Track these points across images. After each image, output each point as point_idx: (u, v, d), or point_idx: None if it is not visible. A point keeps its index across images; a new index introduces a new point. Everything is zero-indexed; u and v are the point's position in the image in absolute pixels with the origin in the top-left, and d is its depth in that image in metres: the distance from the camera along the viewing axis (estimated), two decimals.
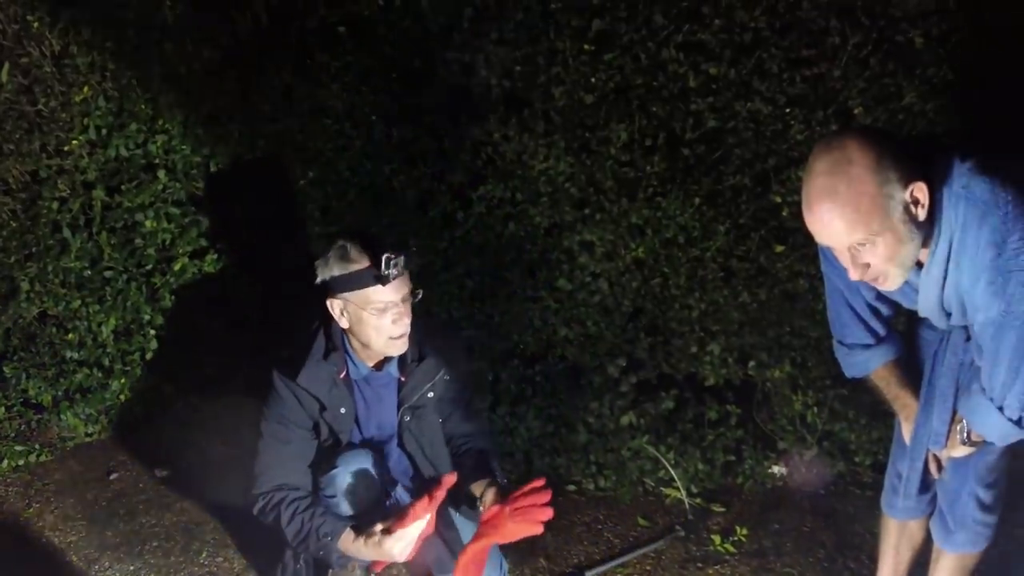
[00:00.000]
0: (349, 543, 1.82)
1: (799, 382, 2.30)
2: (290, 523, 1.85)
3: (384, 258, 1.72)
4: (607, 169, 2.29)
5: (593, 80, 2.32)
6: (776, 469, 2.42)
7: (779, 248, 2.24)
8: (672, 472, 2.32)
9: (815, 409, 2.28)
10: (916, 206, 1.44)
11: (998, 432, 1.58)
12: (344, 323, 1.82)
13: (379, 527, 1.80)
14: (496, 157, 2.42)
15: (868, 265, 1.45)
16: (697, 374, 2.36)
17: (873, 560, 1.97)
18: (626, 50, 2.30)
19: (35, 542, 2.34)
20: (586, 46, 2.35)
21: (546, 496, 1.71)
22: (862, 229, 1.40)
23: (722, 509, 2.39)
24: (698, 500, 2.42)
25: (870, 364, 1.76)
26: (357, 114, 2.57)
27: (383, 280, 1.74)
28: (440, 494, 1.78)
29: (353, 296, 1.77)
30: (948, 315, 1.60)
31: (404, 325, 1.80)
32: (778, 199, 2.20)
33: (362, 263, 1.76)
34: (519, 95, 2.42)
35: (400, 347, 1.83)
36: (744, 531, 2.29)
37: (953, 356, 1.70)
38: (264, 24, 2.78)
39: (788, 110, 2.23)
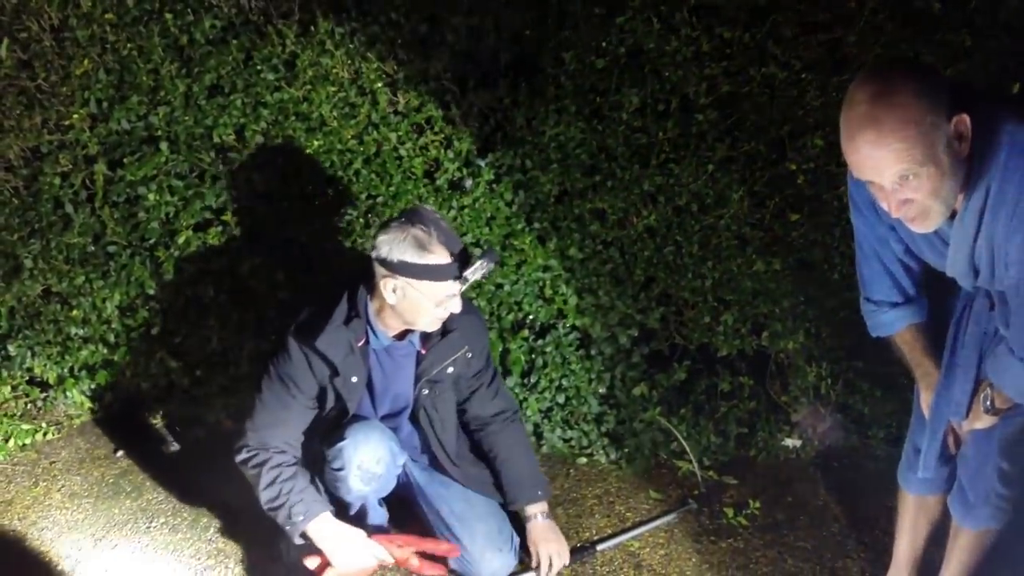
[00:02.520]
0: (319, 529, 1.83)
1: (813, 353, 2.25)
2: (268, 487, 1.86)
3: (478, 264, 1.75)
4: (618, 135, 2.24)
5: (604, 44, 2.26)
6: (790, 441, 2.39)
7: (794, 216, 2.19)
8: (684, 444, 2.29)
9: (829, 381, 2.24)
10: (960, 140, 1.39)
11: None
12: (393, 299, 1.81)
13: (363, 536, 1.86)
14: (505, 123, 2.37)
15: (909, 201, 1.40)
16: (710, 345, 2.32)
17: (889, 535, 1.94)
18: (638, 13, 2.24)
19: (42, 521, 2.33)
20: (597, 9, 2.30)
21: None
22: (907, 159, 1.36)
23: (735, 482, 2.36)
24: (711, 473, 2.38)
25: (896, 324, 1.71)
26: (362, 81, 2.51)
27: (462, 280, 1.76)
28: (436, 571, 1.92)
29: (420, 284, 1.76)
30: (976, 274, 1.56)
31: (454, 309, 1.83)
32: (793, 166, 2.14)
33: (442, 258, 1.75)
34: (528, 60, 2.36)
35: (438, 325, 1.87)
36: (757, 504, 2.26)
37: (976, 325, 1.65)
38: None
39: (803, 75, 2.17)
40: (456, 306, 1.82)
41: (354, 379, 1.87)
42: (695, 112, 2.24)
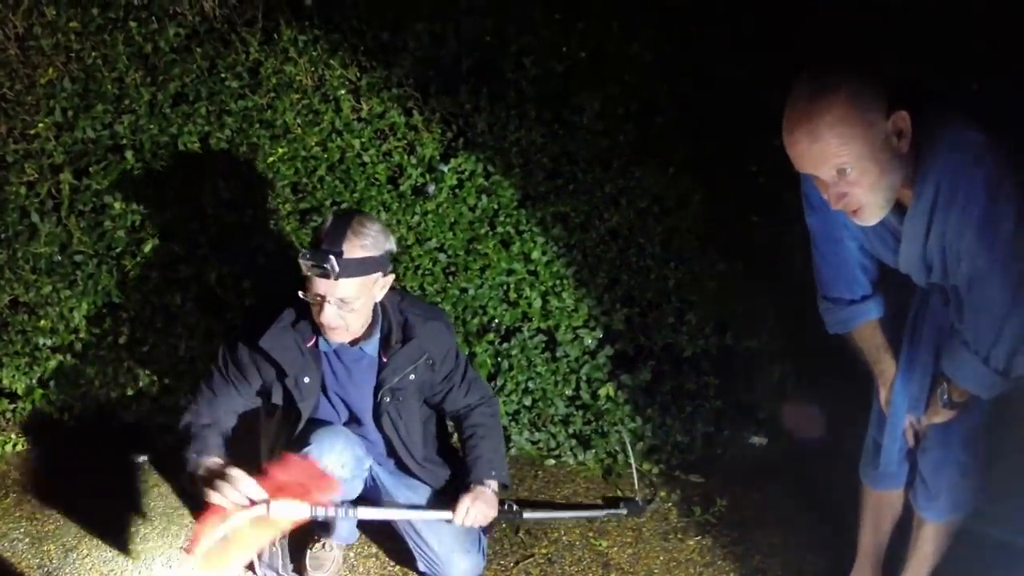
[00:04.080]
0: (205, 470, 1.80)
1: (777, 351, 2.27)
2: (182, 430, 1.91)
3: (322, 252, 1.72)
4: (579, 139, 2.26)
5: (564, 49, 2.28)
6: (755, 439, 2.41)
7: (755, 217, 2.21)
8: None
9: (793, 378, 2.26)
10: (899, 137, 1.43)
11: (986, 384, 1.58)
12: (377, 297, 1.82)
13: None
14: (467, 129, 2.38)
15: (847, 194, 1.45)
16: (675, 345, 2.34)
17: (854, 529, 1.96)
18: (598, 17, 2.26)
19: (13, 532, 2.32)
20: (557, 15, 2.31)
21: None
22: (843, 153, 1.40)
23: (702, 480, 2.39)
24: (678, 471, 2.41)
25: (853, 321, 1.74)
26: (326, 88, 2.52)
27: (314, 270, 1.73)
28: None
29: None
30: (929, 270, 1.59)
31: (327, 317, 1.78)
32: (754, 167, 2.16)
33: (315, 250, 1.75)
34: (490, 65, 2.37)
35: (334, 336, 1.83)
36: (724, 501, 2.29)
37: (932, 321, 1.69)
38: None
39: (762, 76, 2.19)
40: (324, 312, 1.77)
41: (306, 380, 1.88)
42: (656, 115, 2.26)
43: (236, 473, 1.72)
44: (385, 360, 1.90)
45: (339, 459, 1.90)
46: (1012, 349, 1.52)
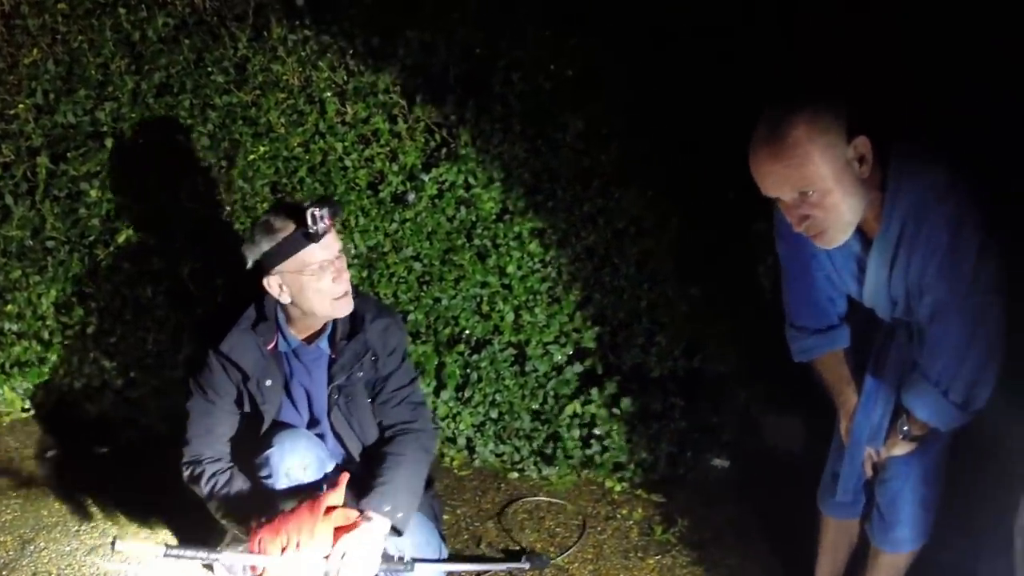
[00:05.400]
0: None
1: (744, 376, 2.31)
2: (210, 501, 1.86)
3: (309, 213, 1.70)
4: (562, 156, 2.28)
5: (553, 66, 2.30)
6: (718, 461, 2.44)
7: (729, 243, 2.24)
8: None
9: (760, 403, 2.29)
10: (860, 162, 1.48)
11: (944, 417, 1.62)
12: (286, 298, 1.79)
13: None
14: (450, 140, 2.39)
15: (809, 217, 1.48)
16: (643, 365, 2.36)
17: (812, 555, 1.98)
18: (590, 34, 2.28)
19: None
20: (548, 31, 2.33)
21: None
22: (804, 176, 1.44)
23: (664, 500, 2.40)
24: (640, 490, 2.42)
25: (818, 350, 1.77)
26: (312, 90, 2.51)
27: (314, 238, 1.72)
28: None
29: (288, 265, 1.75)
30: (893, 304, 1.64)
31: (345, 281, 1.79)
32: (731, 194, 2.20)
33: (288, 228, 1.74)
34: (478, 77, 2.38)
35: (346, 306, 1.81)
36: (686, 522, 2.30)
37: (896, 354, 1.73)
38: None
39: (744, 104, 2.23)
40: (343, 271, 1.77)
41: (268, 383, 1.86)
42: (638, 137, 2.28)
43: None
44: (334, 357, 1.88)
45: (301, 461, 1.88)
46: (971, 383, 1.57)
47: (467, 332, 2.37)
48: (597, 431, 2.37)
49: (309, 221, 1.70)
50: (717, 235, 2.27)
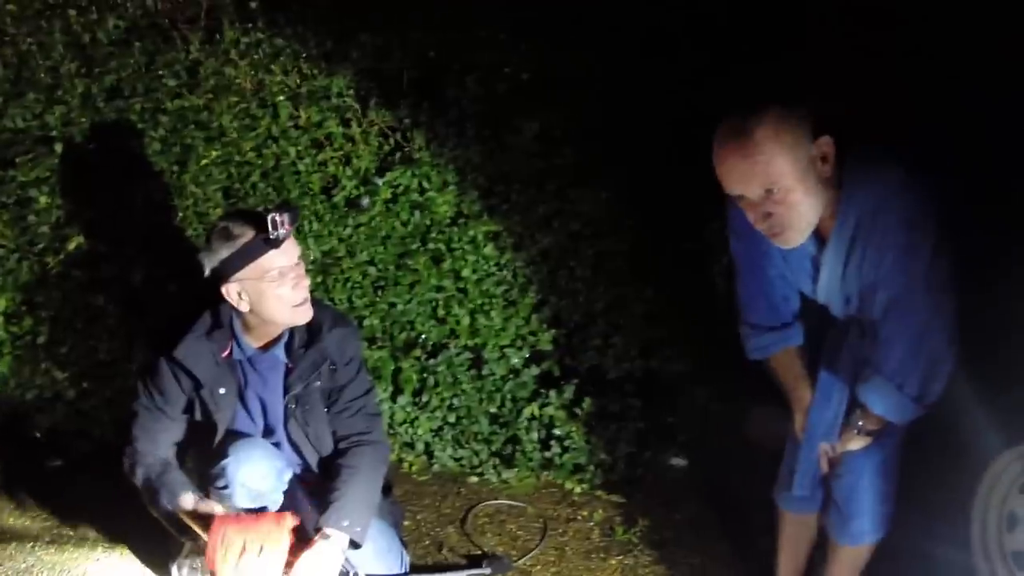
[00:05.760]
0: (187, 509, 1.78)
1: (701, 375, 2.33)
2: (144, 487, 1.85)
3: (269, 219, 1.68)
4: (516, 159, 2.29)
5: (507, 69, 2.31)
6: (676, 461, 2.45)
7: (685, 244, 2.26)
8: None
9: (717, 401, 2.32)
10: (823, 161, 1.51)
11: (900, 411, 1.65)
12: (245, 305, 1.77)
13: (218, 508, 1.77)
14: (404, 143, 2.38)
15: (772, 215, 1.51)
16: (600, 366, 2.37)
17: (772, 552, 2.00)
18: (543, 38, 2.29)
19: None
20: (502, 35, 2.34)
21: None
22: (770, 173, 1.47)
23: (625, 500, 2.41)
24: (600, 491, 2.43)
25: (772, 347, 1.79)
26: (265, 94, 2.48)
27: (274, 244, 1.71)
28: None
29: (248, 271, 1.73)
30: (847, 301, 1.67)
31: (304, 288, 1.77)
32: (687, 195, 2.21)
33: (248, 234, 1.72)
34: (432, 81, 2.38)
35: (305, 313, 1.79)
36: (646, 522, 2.31)
37: (849, 350, 1.75)
38: None
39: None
40: (303, 278, 1.76)
41: (222, 391, 1.84)
42: (592, 139, 2.30)
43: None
44: (291, 365, 1.86)
45: (257, 471, 1.86)
46: (925, 377, 1.60)
47: (423, 337, 2.36)
48: (556, 433, 2.37)
49: (270, 227, 1.68)
50: (672, 236, 2.29)
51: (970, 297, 1.66)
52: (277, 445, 1.96)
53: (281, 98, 2.45)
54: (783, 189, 1.47)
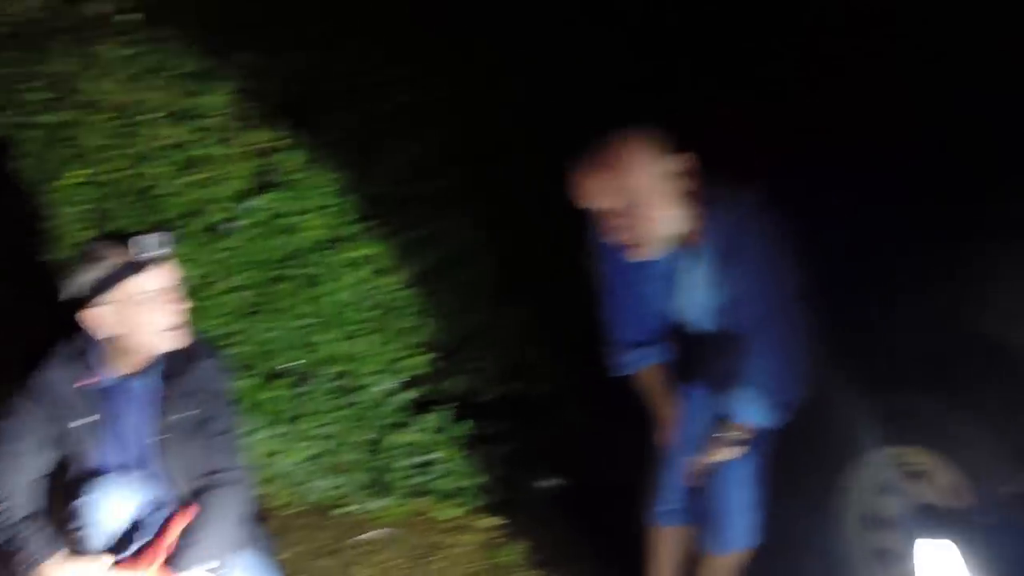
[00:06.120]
0: (54, 572, 1.68)
1: (572, 396, 2.37)
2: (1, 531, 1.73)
3: (139, 242, 1.65)
4: (388, 185, 2.29)
5: (385, 93, 2.31)
6: (550, 482, 2.48)
7: (554, 265, 2.29)
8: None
9: (587, 420, 2.35)
10: (683, 178, 1.59)
11: (762, 417, 1.72)
12: (113, 330, 1.71)
13: (107, 560, 1.70)
14: (276, 166, 2.35)
15: (626, 228, 1.58)
16: (470, 391, 2.39)
17: (647, 566, 2.03)
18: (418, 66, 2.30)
19: None
20: (382, 58, 2.33)
21: None
22: (628, 186, 1.54)
23: (501, 522, 2.42)
24: (474, 516, 2.43)
25: (636, 364, 1.86)
26: (138, 110, 2.42)
27: (143, 267, 1.66)
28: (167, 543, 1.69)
29: (116, 295, 1.67)
30: (708, 317, 1.74)
31: (177, 313, 1.72)
32: (553, 218, 2.24)
33: (117, 257, 1.67)
34: (308, 103, 2.36)
35: (178, 339, 1.74)
36: (522, 544, 2.33)
37: (712, 367, 1.81)
38: (49, 4, 2.59)
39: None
40: (173, 305, 1.72)
41: (87, 422, 1.76)
42: (464, 164, 2.31)
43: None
44: (164, 394, 1.80)
45: (117, 509, 1.79)
46: (787, 383, 1.69)
47: (291, 365, 2.34)
48: (428, 459, 2.37)
49: (139, 250, 1.65)
50: (541, 258, 2.32)
51: (836, 307, 1.76)
52: (149, 478, 1.89)
53: (155, 115, 2.39)
54: (637, 204, 1.55)
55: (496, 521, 2.42)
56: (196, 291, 2.37)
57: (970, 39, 1.97)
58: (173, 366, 1.80)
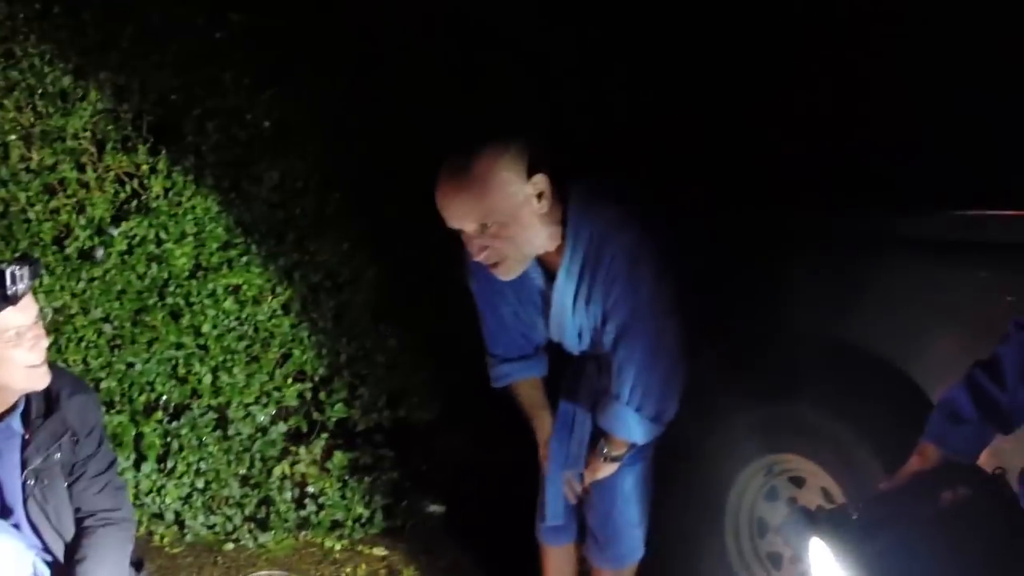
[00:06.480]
0: None
1: (452, 421, 2.35)
2: None
3: (8, 273, 1.52)
4: (256, 210, 2.24)
5: (249, 116, 2.26)
6: (434, 508, 2.46)
7: (428, 289, 2.27)
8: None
9: (469, 445, 2.34)
10: (539, 198, 1.58)
11: (640, 432, 1.72)
12: None
13: None
14: (141, 191, 2.28)
15: (488, 248, 1.57)
16: (348, 419, 2.35)
17: None
18: (286, 87, 2.25)
19: None
20: (246, 80, 2.27)
21: None
22: (483, 209, 1.54)
23: (387, 552, 2.38)
24: (361, 546, 2.38)
25: (512, 376, 1.86)
26: None
27: (12, 300, 1.54)
28: None
29: None
30: (579, 337, 1.74)
31: (42, 350, 1.61)
32: (426, 241, 2.21)
33: None
34: (172, 126, 2.28)
35: (44, 377, 1.63)
36: (410, 571, 2.29)
37: (587, 384, 1.82)
38: None
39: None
40: (42, 338, 1.62)
41: None
42: (334, 189, 2.28)
43: None
44: (28, 437, 1.69)
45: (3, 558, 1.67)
46: (660, 397, 1.69)
47: (164, 398, 2.26)
48: (310, 490, 2.32)
49: (8, 281, 1.52)
50: (414, 283, 2.30)
51: (718, 316, 1.80)
52: (16, 527, 1.78)
53: (12, 137, 2.27)
54: (497, 224, 1.55)
55: (382, 551, 2.37)
56: (58, 324, 2.27)
57: None
58: (38, 406, 1.69)
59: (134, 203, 2.26)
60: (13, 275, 1.54)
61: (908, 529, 1.16)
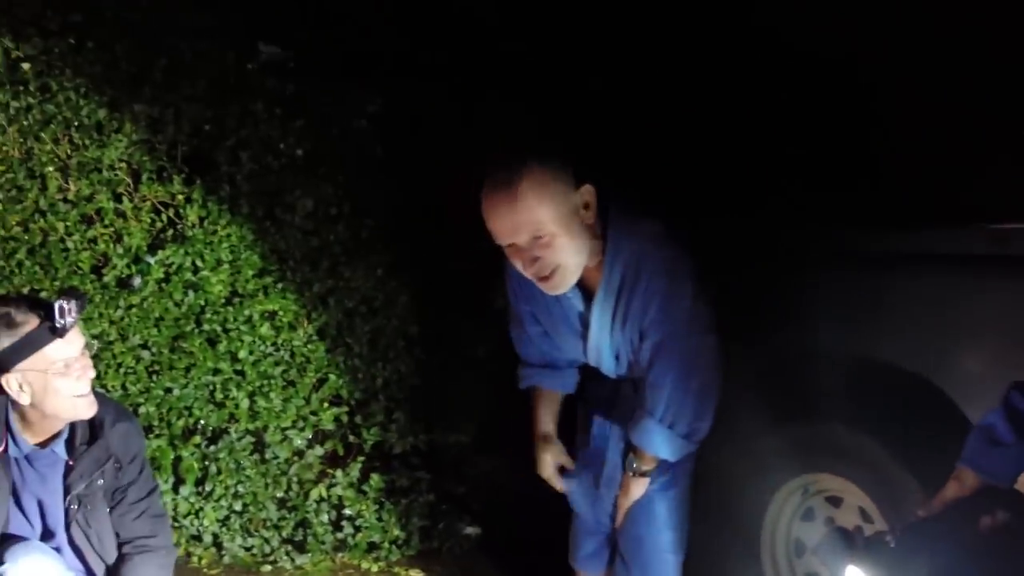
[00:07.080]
0: None
1: (486, 442, 2.37)
2: None
3: (57, 307, 1.57)
4: (290, 237, 2.27)
5: (282, 146, 2.30)
6: (471, 530, 2.47)
7: (463, 314, 2.30)
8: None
9: (504, 467, 2.35)
10: (586, 208, 1.59)
11: (671, 449, 1.70)
12: (26, 398, 1.63)
13: None
14: (177, 220, 2.32)
15: (540, 259, 1.57)
16: (384, 442, 2.37)
17: None
18: (316, 117, 2.30)
19: None
20: (278, 110, 2.32)
21: None
22: (536, 219, 1.53)
23: (423, 574, 2.39)
24: (398, 568, 2.40)
25: (540, 380, 1.84)
26: (33, 163, 2.36)
27: (61, 332, 1.59)
28: None
29: (31, 362, 1.60)
30: (616, 359, 1.73)
31: (89, 380, 1.67)
32: (460, 266, 2.25)
33: (32, 322, 1.60)
34: (206, 156, 2.33)
35: (90, 407, 1.68)
36: None
37: (623, 406, 1.79)
38: None
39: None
40: (89, 368, 1.67)
41: None
42: (366, 216, 2.31)
43: None
44: (71, 463, 1.74)
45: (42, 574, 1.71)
46: (694, 415, 1.68)
47: (202, 422, 2.29)
48: (347, 513, 2.34)
49: (57, 315, 1.57)
50: (448, 308, 2.32)
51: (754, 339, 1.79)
52: (57, 550, 1.80)
53: (50, 169, 2.34)
54: (549, 234, 1.54)
55: (418, 573, 2.39)
56: (97, 351, 2.31)
57: None
58: (83, 434, 1.74)
59: (170, 232, 2.31)
60: (62, 308, 1.59)
61: (947, 556, 1.16)
